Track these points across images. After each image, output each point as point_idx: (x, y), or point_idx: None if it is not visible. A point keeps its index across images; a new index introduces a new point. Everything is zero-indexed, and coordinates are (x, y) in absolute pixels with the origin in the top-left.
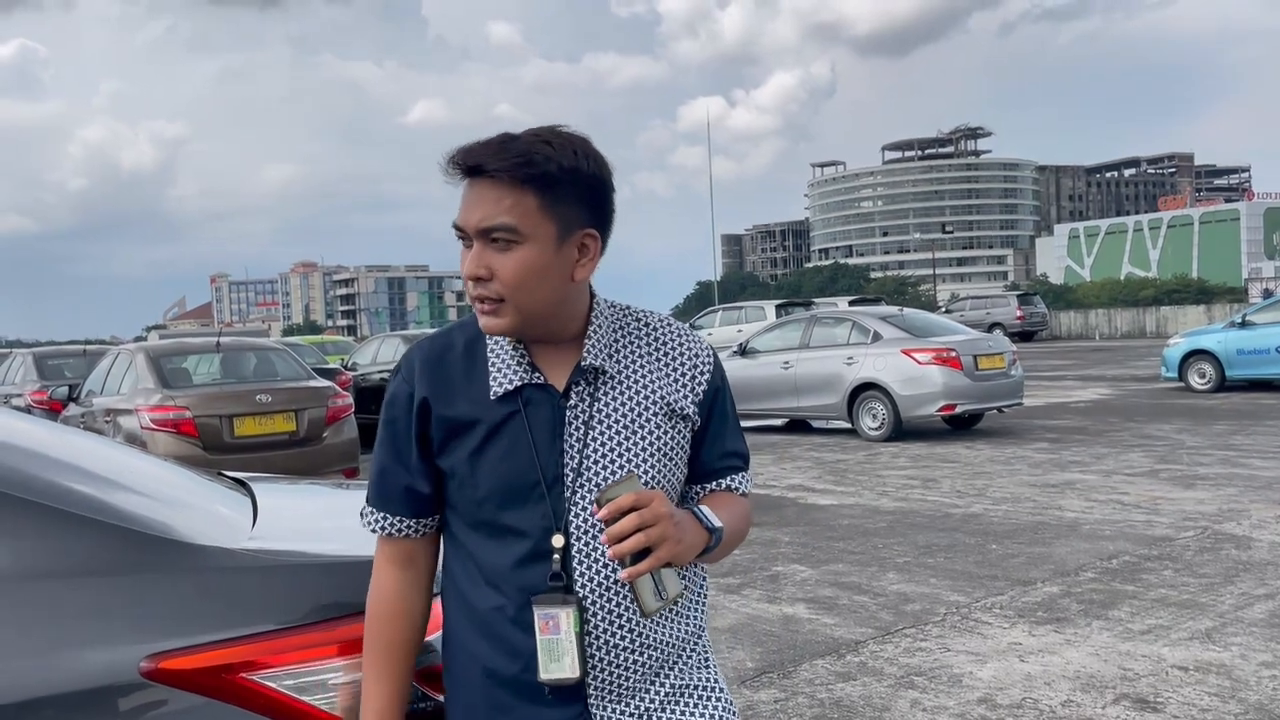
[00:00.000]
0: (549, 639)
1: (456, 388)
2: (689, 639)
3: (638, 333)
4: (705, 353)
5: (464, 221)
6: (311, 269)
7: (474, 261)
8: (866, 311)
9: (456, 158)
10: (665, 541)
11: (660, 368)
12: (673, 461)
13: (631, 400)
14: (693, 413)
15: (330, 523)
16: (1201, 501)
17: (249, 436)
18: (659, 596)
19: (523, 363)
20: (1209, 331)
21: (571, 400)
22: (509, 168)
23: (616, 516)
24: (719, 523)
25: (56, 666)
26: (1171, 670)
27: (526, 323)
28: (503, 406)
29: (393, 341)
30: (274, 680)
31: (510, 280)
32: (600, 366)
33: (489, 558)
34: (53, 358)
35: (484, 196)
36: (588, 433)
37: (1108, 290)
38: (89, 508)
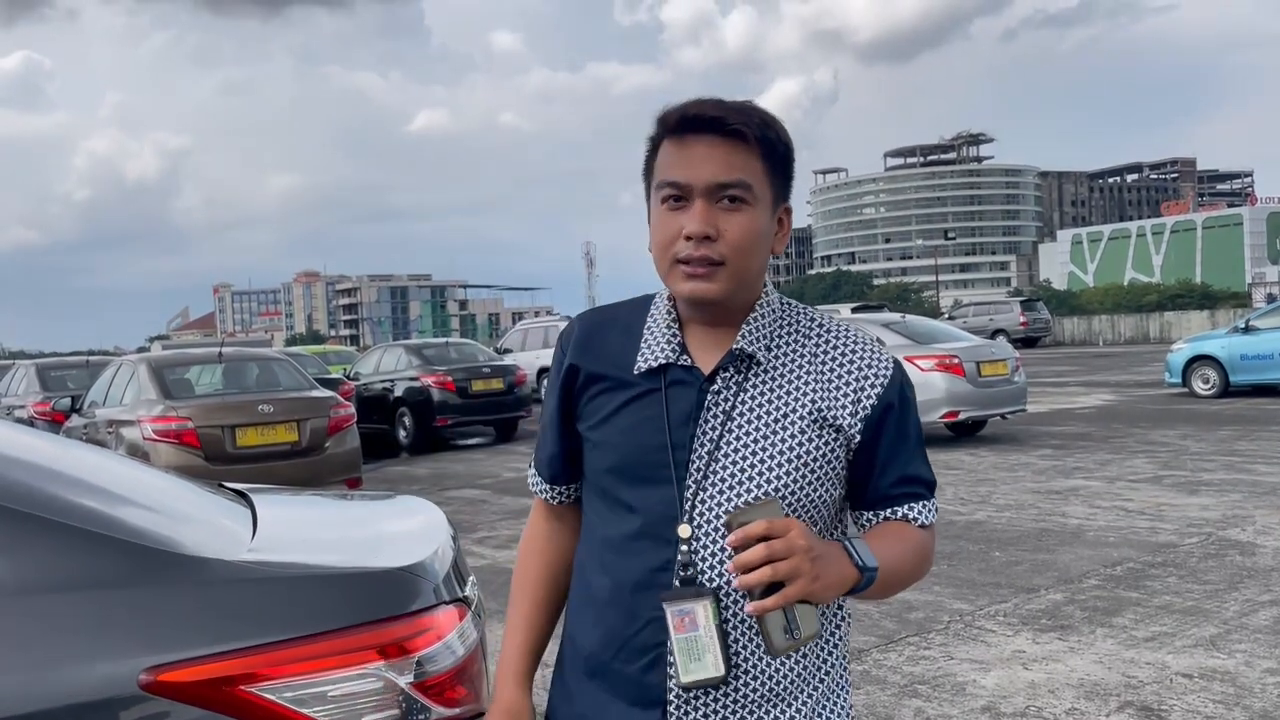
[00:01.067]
0: (686, 636)
1: (607, 354)
2: (809, 675)
3: (805, 329)
4: (883, 364)
5: (690, 176)
6: (314, 279)
7: (702, 219)
8: (869, 318)
9: (690, 107)
10: (799, 578)
11: (820, 370)
12: (815, 473)
13: (780, 398)
14: (848, 425)
15: (330, 534)
16: (1205, 508)
17: (251, 447)
18: (790, 635)
19: (673, 342)
20: (1213, 337)
21: (716, 385)
22: (749, 124)
23: (746, 545)
24: (873, 561)
25: (55, 680)
26: (1176, 678)
27: (736, 291)
28: (645, 382)
29: (395, 351)
30: (273, 692)
31: (737, 241)
32: (753, 353)
33: (604, 530)
34: (55, 369)
35: (714, 153)
36: (726, 422)
37: (1111, 296)
38: (88, 521)
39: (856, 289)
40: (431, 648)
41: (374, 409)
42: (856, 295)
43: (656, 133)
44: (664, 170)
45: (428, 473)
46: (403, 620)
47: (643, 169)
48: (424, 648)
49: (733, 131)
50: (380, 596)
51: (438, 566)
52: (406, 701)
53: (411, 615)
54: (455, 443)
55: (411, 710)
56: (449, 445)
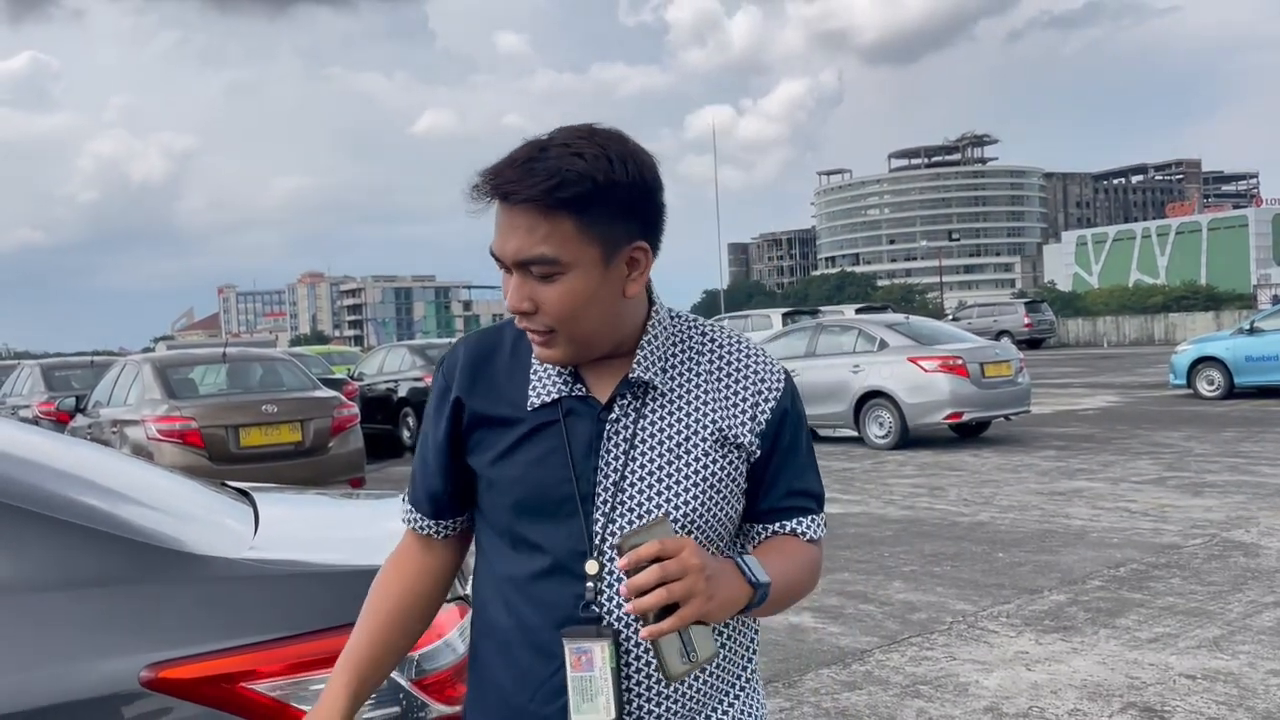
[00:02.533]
0: (581, 676)
1: (497, 386)
2: (727, 688)
3: (699, 347)
4: (774, 376)
5: (500, 250)
6: (318, 279)
7: (516, 294)
8: (873, 319)
9: (482, 185)
10: (694, 598)
11: (719, 388)
12: (720, 494)
13: (681, 421)
14: (749, 441)
15: (331, 533)
16: (1210, 509)
17: (255, 447)
18: (686, 658)
19: (564, 373)
20: (1217, 338)
21: (614, 414)
22: (538, 195)
23: (639, 567)
24: (765, 577)
25: (59, 675)
26: (1179, 679)
27: (583, 349)
28: (540, 415)
29: (399, 352)
30: (274, 689)
31: (556, 313)
32: (649, 381)
33: (509, 570)
34: (60, 369)
35: (516, 224)
36: (629, 450)
37: (1116, 297)
38: (92, 519)
39: (861, 290)
40: (431, 646)
41: (378, 409)
42: (861, 296)
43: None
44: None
45: None
46: None
47: None
48: (423, 646)
49: (524, 202)
50: None
51: None
52: (406, 699)
53: None
54: None
55: (411, 707)
56: None
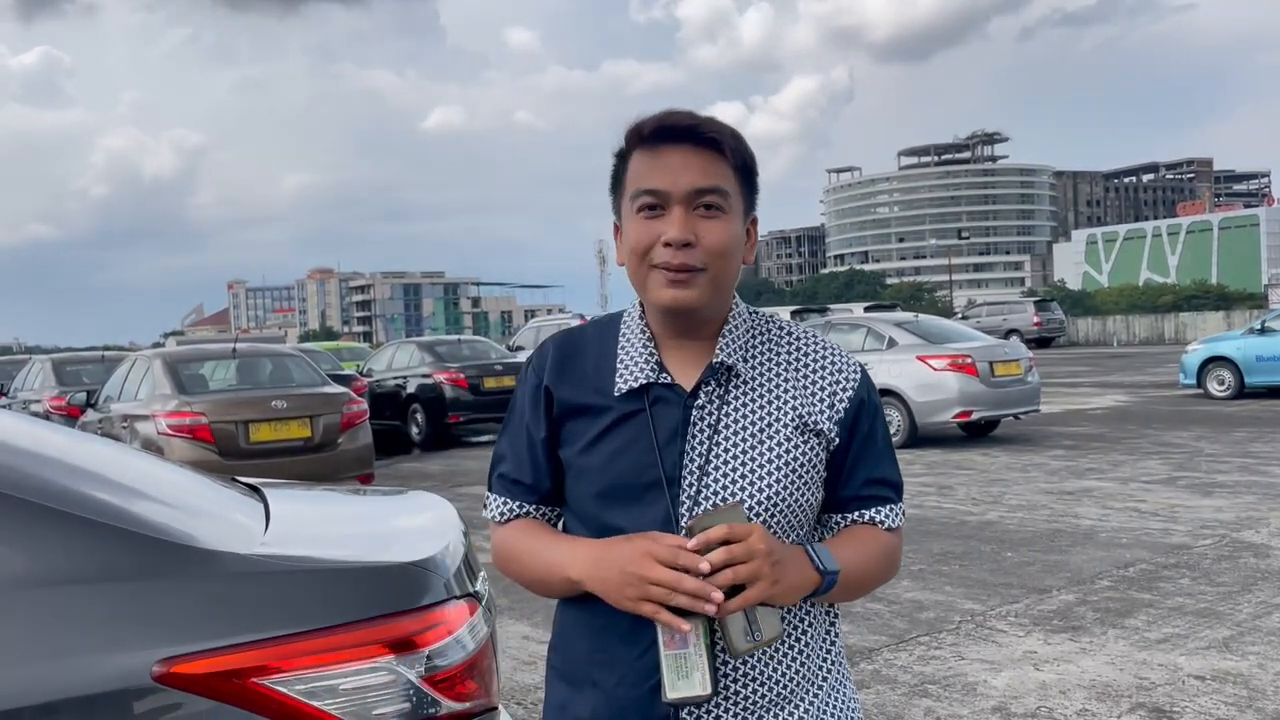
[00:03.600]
0: (675, 654)
1: (585, 378)
2: (813, 674)
3: (777, 338)
4: (852, 368)
5: (669, 183)
6: (328, 275)
7: (683, 224)
8: (882, 318)
9: (667, 118)
10: (759, 581)
11: (797, 377)
12: (802, 479)
13: (763, 408)
14: (828, 429)
15: (342, 528)
16: (1219, 509)
17: (265, 442)
18: (750, 637)
19: (651, 360)
20: (1228, 338)
21: (700, 400)
22: (726, 137)
23: (708, 549)
24: (834, 565)
25: (71, 670)
26: (1188, 679)
27: (713, 299)
28: (627, 403)
29: (408, 348)
30: (285, 685)
31: (716, 247)
32: (733, 365)
33: None
34: (71, 364)
35: (692, 161)
36: (714, 435)
37: (1126, 296)
38: (104, 514)
39: (870, 288)
40: (442, 642)
41: (387, 405)
42: (870, 295)
43: (627, 145)
44: (639, 179)
45: (440, 469)
46: (414, 615)
47: (610, 183)
48: (434, 642)
49: (708, 140)
50: (391, 591)
51: (449, 562)
52: (417, 695)
53: (422, 610)
54: (467, 440)
55: (422, 704)
56: (461, 442)
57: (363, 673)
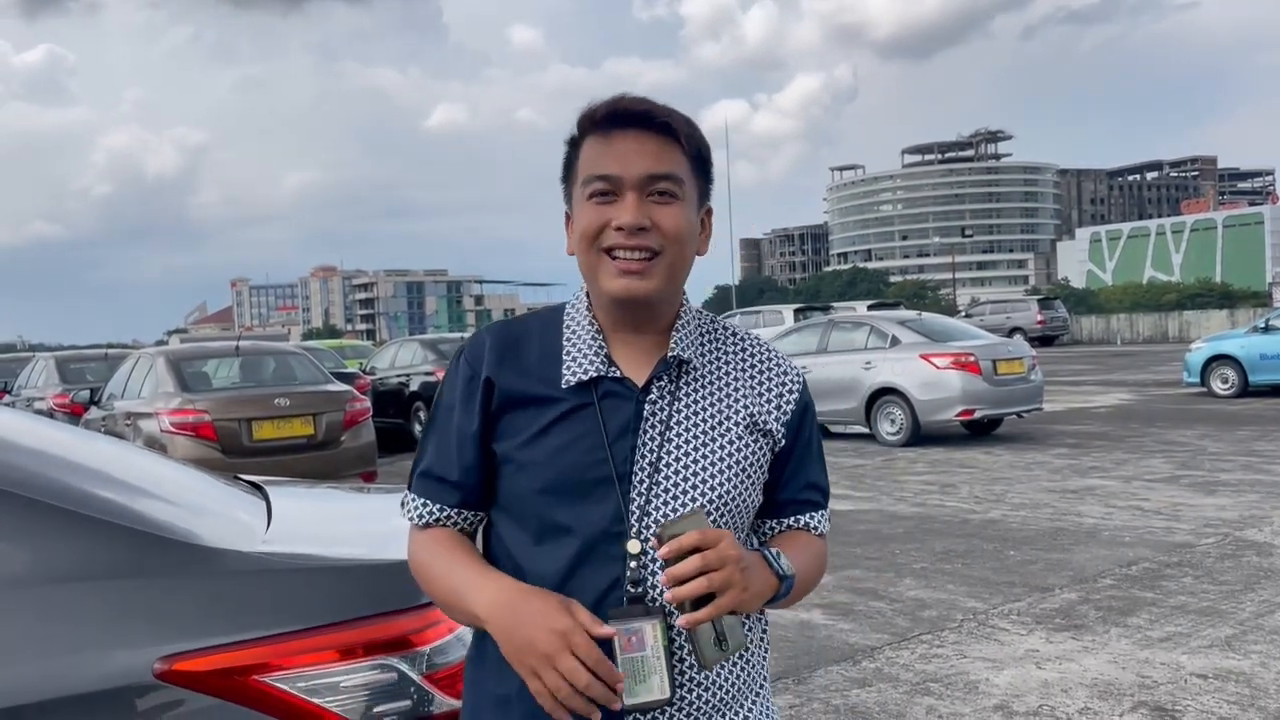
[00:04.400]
0: (632, 657)
1: (528, 369)
2: (757, 682)
3: (724, 338)
4: (794, 372)
5: (621, 169)
6: (331, 274)
7: (637, 209)
8: (885, 316)
9: (619, 103)
10: (730, 588)
11: (746, 376)
12: (750, 479)
13: (714, 405)
14: (775, 430)
15: (344, 526)
16: (1223, 508)
17: (267, 440)
18: (719, 647)
19: (600, 353)
20: (1232, 336)
21: (652, 395)
22: (680, 123)
23: (679, 556)
24: (791, 570)
25: (74, 667)
26: (1190, 678)
27: (667, 288)
28: (575, 396)
29: (411, 346)
30: (286, 682)
31: (671, 232)
32: (687, 359)
33: (534, 564)
34: (74, 361)
35: (645, 147)
36: (665, 432)
37: (1130, 294)
38: (107, 512)
39: (873, 286)
40: (442, 640)
41: (389, 403)
42: (873, 293)
43: (579, 131)
44: (591, 165)
45: None
46: (414, 613)
47: (562, 171)
48: (435, 640)
49: (661, 126)
50: (392, 589)
51: None
52: (417, 692)
53: (423, 608)
54: None
55: (422, 701)
56: None
57: (364, 670)
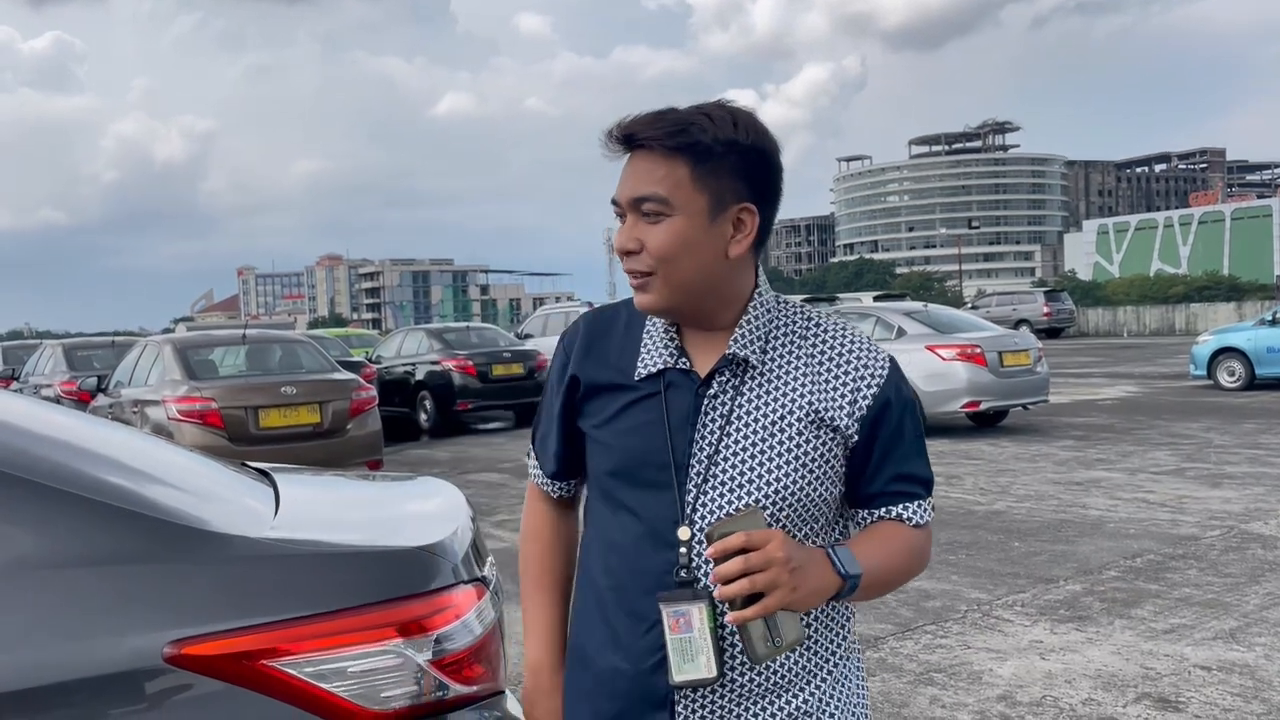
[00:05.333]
0: (680, 637)
1: (608, 358)
2: (820, 664)
3: (802, 330)
4: (878, 363)
5: (618, 194)
6: (337, 262)
7: (625, 234)
8: (891, 307)
9: (614, 130)
10: (777, 589)
11: (816, 370)
12: (814, 474)
13: (776, 400)
14: (845, 425)
15: (352, 513)
16: (1228, 500)
17: (274, 428)
18: (771, 643)
19: (670, 346)
20: (1239, 329)
21: (712, 389)
22: (660, 136)
23: (726, 557)
24: (856, 569)
25: (83, 651)
26: (1194, 670)
27: (677, 299)
28: (645, 386)
29: (417, 335)
30: (294, 667)
31: (657, 251)
32: (745, 357)
33: (609, 534)
34: (82, 349)
35: (636, 168)
36: (725, 425)
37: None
38: (116, 497)
39: (879, 277)
40: (450, 626)
41: (395, 392)
42: (879, 284)
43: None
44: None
45: (448, 456)
46: (422, 598)
47: None
48: (443, 626)
49: (648, 143)
50: (400, 575)
51: (457, 546)
52: (425, 678)
53: (431, 594)
54: (475, 427)
55: (430, 687)
56: (469, 429)
57: (371, 655)
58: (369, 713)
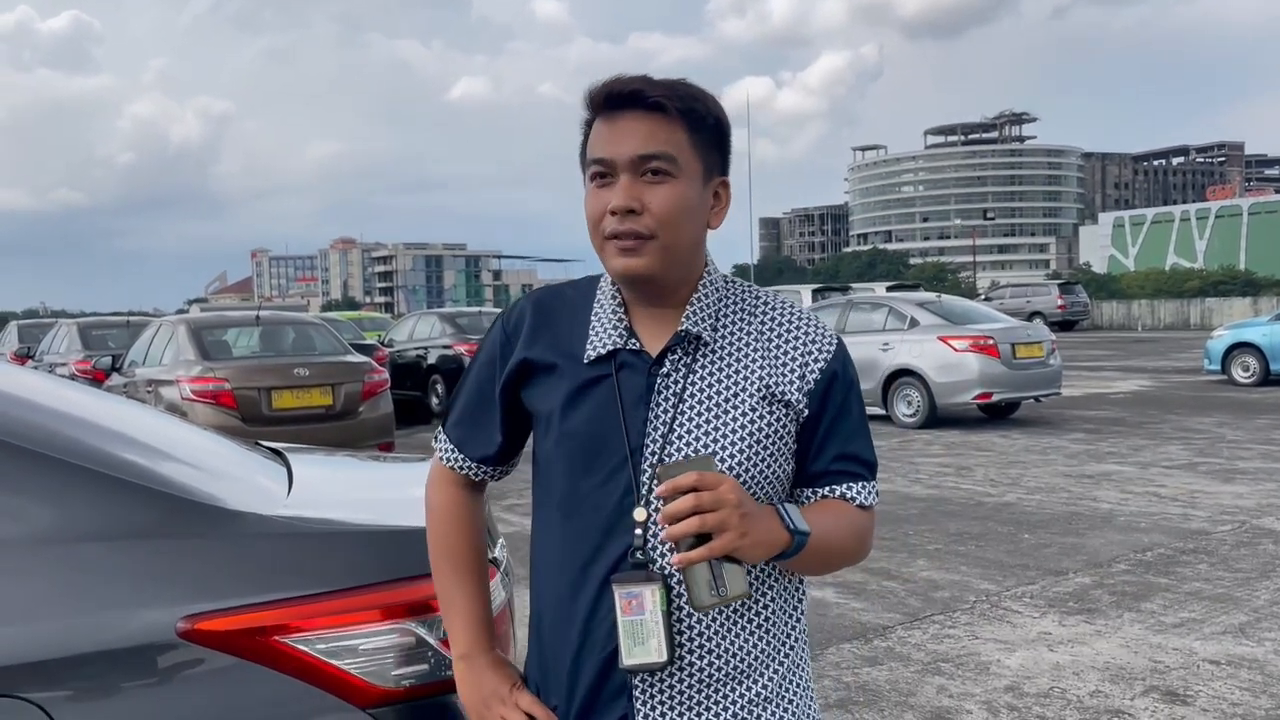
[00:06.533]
0: (632, 620)
1: (557, 340)
2: (775, 648)
3: (750, 307)
4: (825, 339)
5: (613, 152)
6: (350, 246)
7: (626, 192)
8: (904, 297)
9: (612, 84)
10: (726, 531)
11: (766, 346)
12: (767, 450)
13: (729, 377)
14: (796, 400)
15: (364, 493)
16: (1240, 496)
17: (286, 409)
18: (715, 591)
19: (619, 326)
20: (1254, 324)
21: (665, 368)
22: (671, 97)
23: (674, 496)
24: (804, 526)
25: (100, 625)
26: (1203, 664)
27: (666, 266)
28: (595, 368)
29: (429, 319)
30: (306, 644)
31: (662, 213)
32: (699, 334)
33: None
34: (96, 328)
35: (637, 127)
36: (678, 404)
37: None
38: (133, 474)
39: (892, 268)
40: None
41: (407, 376)
42: (892, 274)
43: (587, 114)
44: (592, 148)
45: None
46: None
47: (579, 153)
48: None
49: (654, 104)
50: (411, 554)
51: None
52: (435, 657)
53: None
54: None
55: (439, 666)
56: None
57: (382, 634)
58: (379, 690)
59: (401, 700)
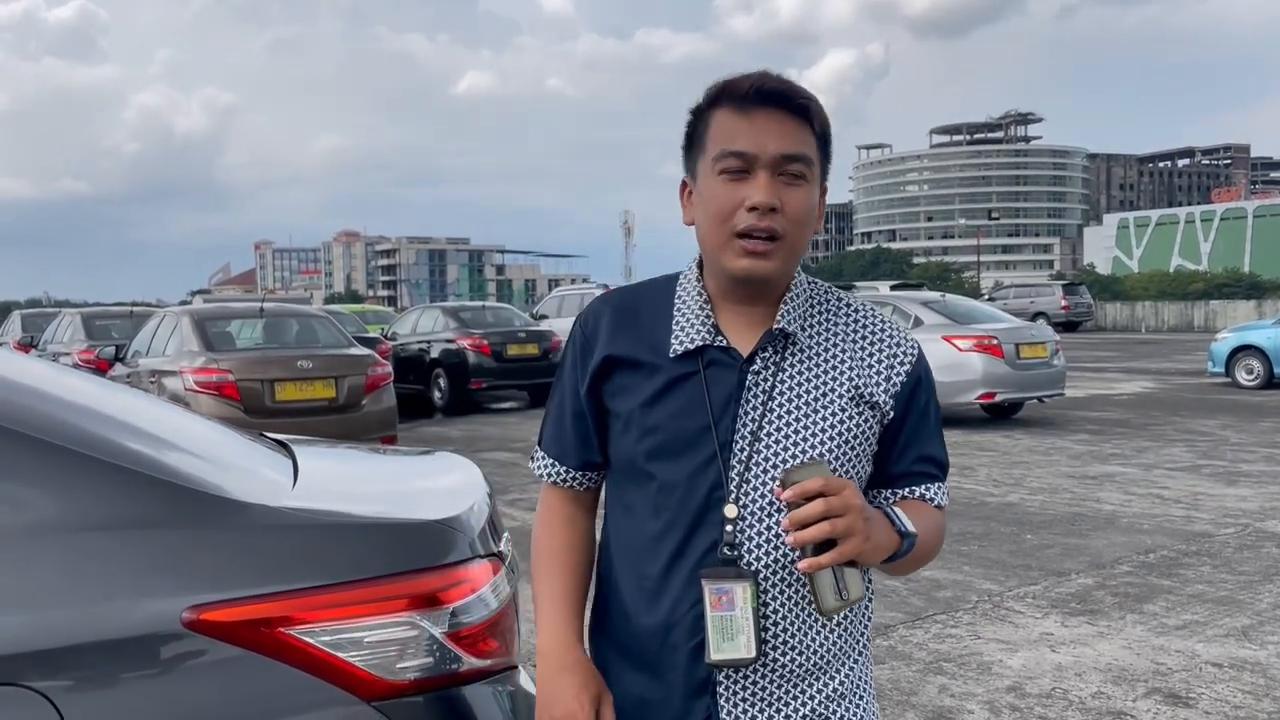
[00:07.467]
0: (721, 615)
1: (640, 338)
2: (851, 648)
3: (835, 309)
4: (908, 344)
5: (757, 146)
6: (354, 239)
7: (769, 189)
8: (907, 296)
9: (760, 80)
10: (853, 536)
11: (854, 348)
12: (855, 450)
13: (818, 376)
14: (883, 402)
15: (370, 485)
16: (1243, 498)
17: (289, 401)
18: (839, 595)
19: (707, 323)
20: (1258, 327)
21: (756, 365)
22: (811, 101)
23: (801, 501)
24: (912, 528)
25: (104, 614)
26: (1205, 666)
27: (788, 268)
28: (681, 365)
29: (432, 313)
30: (311, 636)
31: (795, 215)
32: (792, 333)
33: (646, 515)
34: (100, 318)
35: (781, 127)
36: (768, 402)
37: (1156, 282)
38: (138, 463)
39: (896, 267)
40: (466, 599)
41: (410, 369)
42: (896, 273)
43: (707, 102)
44: (725, 140)
45: (461, 434)
46: (438, 571)
47: (685, 140)
48: (458, 599)
49: (798, 107)
50: (417, 547)
51: (474, 521)
52: (440, 650)
53: (447, 567)
54: (489, 406)
55: (444, 659)
56: (482, 408)
57: (387, 626)
58: (384, 683)
59: (406, 693)
